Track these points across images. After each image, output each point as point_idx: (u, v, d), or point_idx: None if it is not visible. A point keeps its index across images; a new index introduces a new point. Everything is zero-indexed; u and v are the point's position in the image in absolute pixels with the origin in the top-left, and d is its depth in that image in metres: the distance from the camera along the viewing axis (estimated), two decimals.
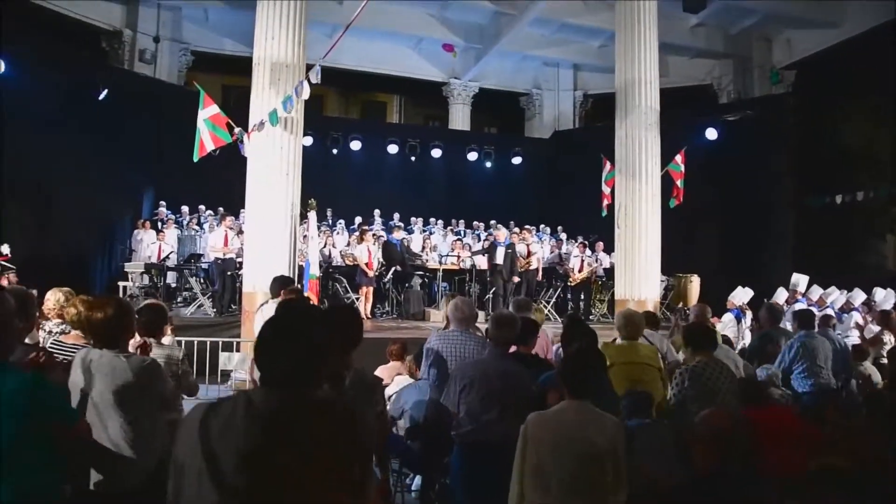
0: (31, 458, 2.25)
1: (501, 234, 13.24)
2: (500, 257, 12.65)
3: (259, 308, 6.95)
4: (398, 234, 13.15)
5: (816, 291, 11.05)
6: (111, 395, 3.05)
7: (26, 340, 4.01)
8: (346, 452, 1.78)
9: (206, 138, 8.92)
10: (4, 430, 2.16)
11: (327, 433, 1.77)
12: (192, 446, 1.77)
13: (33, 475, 2.26)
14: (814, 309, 8.52)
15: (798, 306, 9.32)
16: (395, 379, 5.89)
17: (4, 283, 8.80)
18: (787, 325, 7.68)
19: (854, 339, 8.87)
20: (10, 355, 2.48)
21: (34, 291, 5.88)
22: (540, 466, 2.83)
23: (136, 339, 3.81)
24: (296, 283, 8.74)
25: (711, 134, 15.31)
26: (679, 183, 12.14)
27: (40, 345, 4.28)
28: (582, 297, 14.16)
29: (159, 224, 13.71)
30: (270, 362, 1.85)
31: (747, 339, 9.20)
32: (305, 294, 9.04)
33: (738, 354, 6.30)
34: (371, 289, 12.40)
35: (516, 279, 12.79)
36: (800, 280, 11.22)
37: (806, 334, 6.42)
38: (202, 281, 12.32)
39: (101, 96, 12.78)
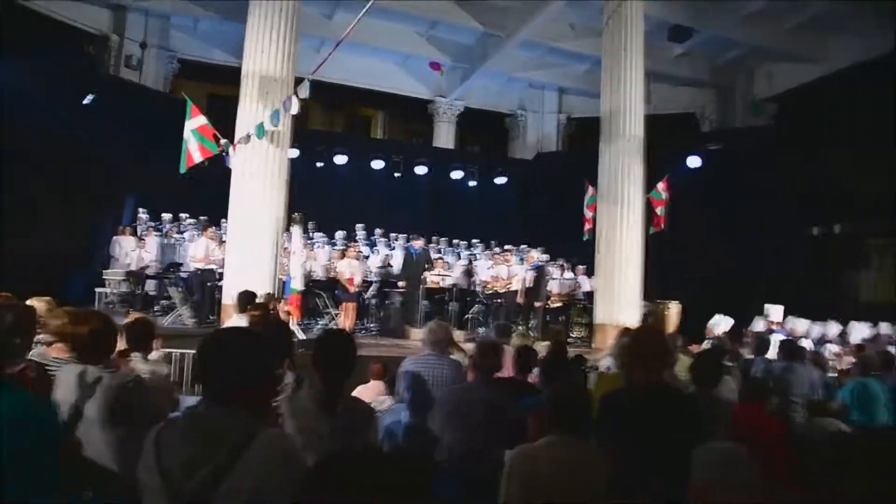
0: (25, 475, 2.21)
1: (531, 257, 13.16)
2: (528, 281, 12.60)
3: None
4: (418, 244, 12.96)
5: (791, 322, 11.19)
6: (95, 411, 3.01)
7: None
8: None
9: (194, 149, 8.89)
10: (2, 448, 2.13)
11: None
12: (149, 464, 1.87)
13: (26, 492, 2.23)
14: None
15: (777, 336, 9.43)
16: (375, 399, 5.87)
17: None
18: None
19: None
20: (6, 370, 2.45)
21: (8, 296, 5.82)
22: (527, 502, 2.80)
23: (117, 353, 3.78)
24: (274, 297, 8.71)
25: (694, 162, 15.47)
26: (659, 210, 12.28)
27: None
28: (560, 319, 14.21)
29: (139, 231, 13.57)
30: (207, 377, 1.98)
31: None
32: (285, 310, 9.00)
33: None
34: (352, 305, 12.35)
35: (537, 303, 12.55)
36: (772, 310, 11.35)
37: (786, 367, 6.48)
38: (182, 290, 12.19)
39: (87, 101, 12.67)
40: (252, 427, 1.88)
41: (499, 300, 13.16)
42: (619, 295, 11.61)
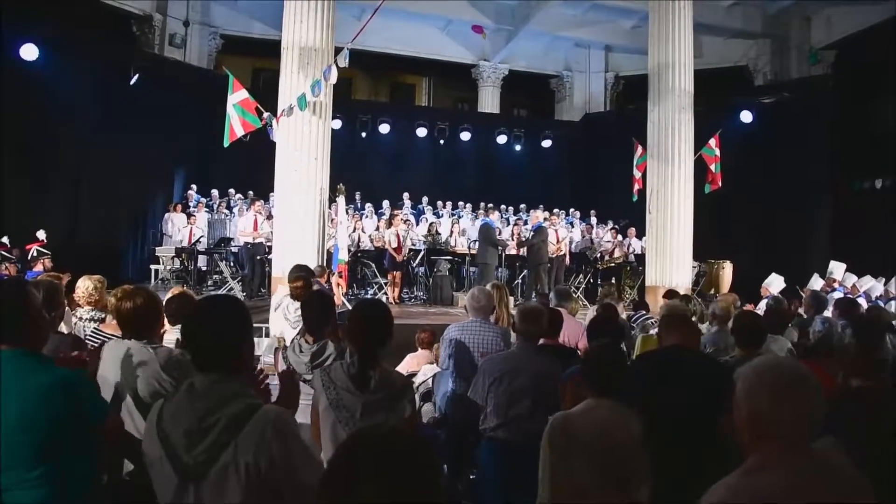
0: (65, 451, 2.25)
1: (534, 217, 12.93)
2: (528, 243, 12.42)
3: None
4: (494, 216, 12.78)
5: (850, 279, 10.78)
6: (139, 387, 3.05)
7: (61, 328, 4.08)
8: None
9: (236, 124, 8.94)
10: (39, 425, 2.16)
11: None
12: (152, 436, 1.90)
13: (67, 467, 2.27)
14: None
15: (836, 295, 9.11)
16: (423, 368, 5.86)
17: (40, 267, 8.97)
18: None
19: None
20: (43, 346, 2.49)
21: (68, 275, 5.99)
22: (568, 468, 2.73)
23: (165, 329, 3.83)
24: (324, 269, 8.79)
25: (746, 117, 14.94)
26: (713, 167, 11.90)
27: (73, 332, 4.35)
28: (612, 282, 14.01)
29: (190, 207, 13.82)
30: (188, 348, 2.04)
31: None
32: (336, 282, 9.06)
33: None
34: (399, 273, 12.39)
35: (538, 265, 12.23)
36: (835, 268, 10.97)
37: (846, 325, 6.22)
38: (232, 265, 12.41)
39: (133, 81, 12.86)
40: (251, 401, 1.90)
41: (548, 264, 12.97)
42: (671, 255, 11.34)
